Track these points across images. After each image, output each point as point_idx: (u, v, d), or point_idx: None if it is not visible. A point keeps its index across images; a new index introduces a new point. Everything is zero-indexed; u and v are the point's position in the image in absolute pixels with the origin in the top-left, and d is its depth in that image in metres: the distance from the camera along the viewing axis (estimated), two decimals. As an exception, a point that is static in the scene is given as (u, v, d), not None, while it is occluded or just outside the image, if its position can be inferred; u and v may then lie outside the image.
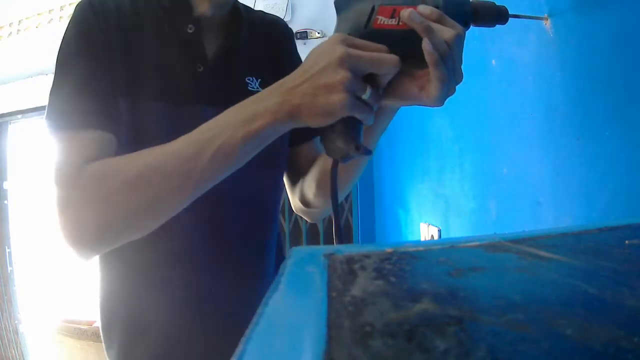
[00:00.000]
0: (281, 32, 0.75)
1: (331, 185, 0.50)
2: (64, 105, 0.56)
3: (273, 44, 0.72)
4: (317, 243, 1.94)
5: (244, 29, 0.68)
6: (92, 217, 0.52)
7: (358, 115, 0.46)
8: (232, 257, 0.66)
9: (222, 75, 0.64)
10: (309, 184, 0.73)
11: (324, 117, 0.46)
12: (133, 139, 0.57)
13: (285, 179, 0.77)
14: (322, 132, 0.49)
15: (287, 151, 0.73)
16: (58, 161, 0.54)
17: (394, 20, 0.46)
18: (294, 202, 0.78)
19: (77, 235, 0.52)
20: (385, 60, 0.45)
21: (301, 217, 0.87)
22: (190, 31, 0.62)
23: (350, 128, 0.47)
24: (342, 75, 0.44)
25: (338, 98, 0.44)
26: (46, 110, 0.57)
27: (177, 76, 0.62)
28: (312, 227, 1.94)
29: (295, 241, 1.96)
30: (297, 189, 0.76)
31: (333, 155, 0.49)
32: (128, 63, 0.59)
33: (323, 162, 0.68)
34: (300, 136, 0.73)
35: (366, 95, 0.45)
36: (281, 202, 0.77)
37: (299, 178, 0.75)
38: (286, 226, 1.96)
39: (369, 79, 0.46)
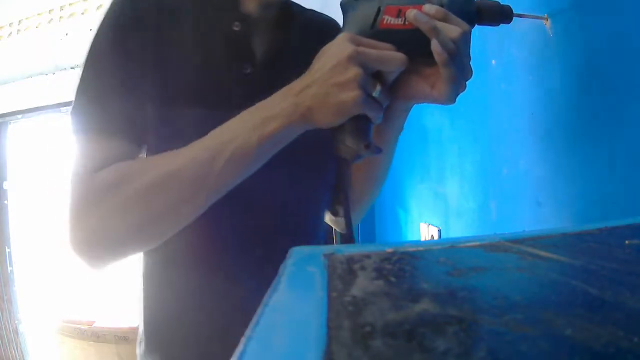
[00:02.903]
0: (334, 34, 0.71)
1: (341, 185, 0.49)
2: (87, 106, 0.54)
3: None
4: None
5: (296, 29, 0.63)
6: (104, 226, 0.50)
7: (369, 113, 0.46)
8: (272, 266, 0.62)
9: (272, 78, 0.57)
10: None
11: (336, 116, 0.45)
12: (166, 143, 0.53)
13: None
14: (332, 133, 0.49)
15: (333, 162, 0.70)
16: (75, 165, 0.52)
17: (400, 19, 0.46)
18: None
19: (88, 244, 0.51)
20: (393, 57, 0.45)
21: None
22: (236, 29, 0.58)
23: (360, 127, 0.47)
24: (353, 72, 0.43)
25: (351, 95, 0.44)
26: (72, 106, 0.55)
27: (221, 78, 0.57)
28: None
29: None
30: None
31: (343, 154, 0.49)
32: (164, 63, 0.55)
33: (351, 171, 0.65)
34: None
35: (376, 93, 0.45)
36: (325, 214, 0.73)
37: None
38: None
39: (376, 77, 0.46)
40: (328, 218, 0.77)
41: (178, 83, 0.56)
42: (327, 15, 0.73)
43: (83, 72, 0.55)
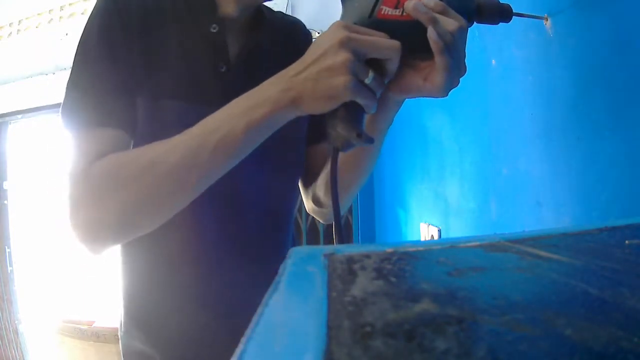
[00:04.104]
0: (301, 35, 0.75)
1: (331, 175, 0.48)
2: (79, 102, 0.56)
3: (293, 47, 0.70)
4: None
5: (266, 31, 0.68)
6: (100, 213, 0.53)
7: (360, 100, 0.45)
8: (249, 257, 0.66)
9: (245, 77, 0.63)
10: (321, 183, 0.73)
11: (326, 101, 0.45)
12: (151, 136, 0.56)
13: (299, 181, 0.77)
14: (324, 119, 0.48)
15: (303, 152, 0.72)
16: (71, 158, 0.55)
17: (398, 10, 0.46)
18: (307, 202, 0.79)
19: (87, 231, 0.53)
20: (386, 44, 0.45)
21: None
22: (214, 31, 0.62)
23: (352, 115, 0.47)
24: (344, 56, 0.43)
25: (341, 80, 0.44)
26: (62, 104, 0.57)
27: (199, 76, 0.61)
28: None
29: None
30: (310, 190, 0.76)
31: (334, 142, 0.48)
32: (148, 61, 0.59)
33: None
34: (313, 137, 0.73)
35: (369, 80, 0.45)
36: (297, 203, 0.77)
37: (313, 179, 0.75)
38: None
39: (374, 65, 0.46)
40: (310, 208, 0.78)
41: (162, 79, 0.60)
42: (294, 17, 0.79)
43: (73, 70, 0.58)
